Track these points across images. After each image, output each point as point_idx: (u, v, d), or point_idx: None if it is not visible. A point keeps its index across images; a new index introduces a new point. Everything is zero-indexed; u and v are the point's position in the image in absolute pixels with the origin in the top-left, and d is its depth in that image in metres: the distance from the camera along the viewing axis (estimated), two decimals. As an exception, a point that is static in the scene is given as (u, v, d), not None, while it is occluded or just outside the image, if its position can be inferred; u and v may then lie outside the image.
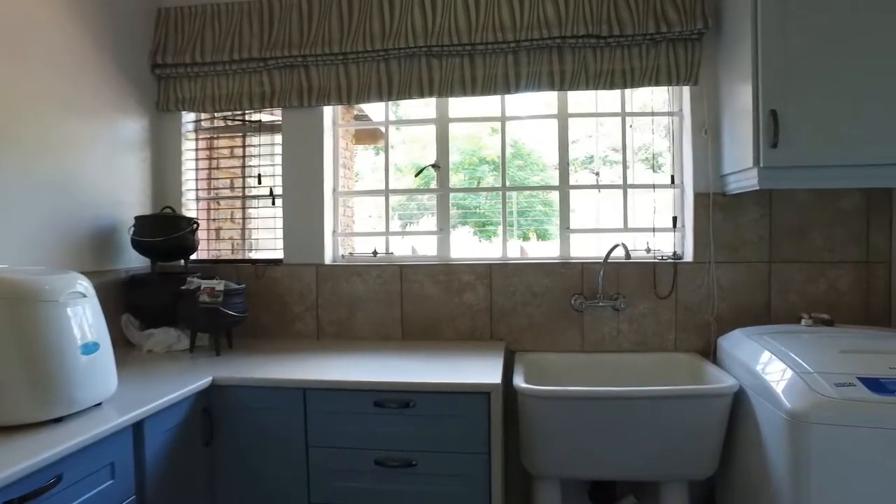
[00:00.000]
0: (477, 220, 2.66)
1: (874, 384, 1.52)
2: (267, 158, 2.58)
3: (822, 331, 1.96)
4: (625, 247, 2.14)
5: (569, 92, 2.37)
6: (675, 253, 2.38)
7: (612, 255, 2.21)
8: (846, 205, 2.20)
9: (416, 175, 2.49)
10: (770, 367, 1.71)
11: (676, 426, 1.81)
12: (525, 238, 2.73)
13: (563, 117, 2.42)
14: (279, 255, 2.49)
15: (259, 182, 2.56)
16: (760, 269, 2.24)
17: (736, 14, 2.04)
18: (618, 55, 2.22)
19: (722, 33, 2.16)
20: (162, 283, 2.27)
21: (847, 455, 1.47)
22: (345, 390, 1.79)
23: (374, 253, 2.50)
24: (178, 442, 1.65)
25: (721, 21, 2.16)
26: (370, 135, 3.80)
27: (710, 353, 2.24)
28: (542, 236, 2.92)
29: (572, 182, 2.44)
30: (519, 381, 1.89)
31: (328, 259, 2.48)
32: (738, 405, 1.82)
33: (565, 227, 2.42)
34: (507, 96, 2.41)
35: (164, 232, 2.21)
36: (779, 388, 1.60)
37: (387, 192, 2.52)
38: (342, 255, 2.54)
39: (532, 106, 2.52)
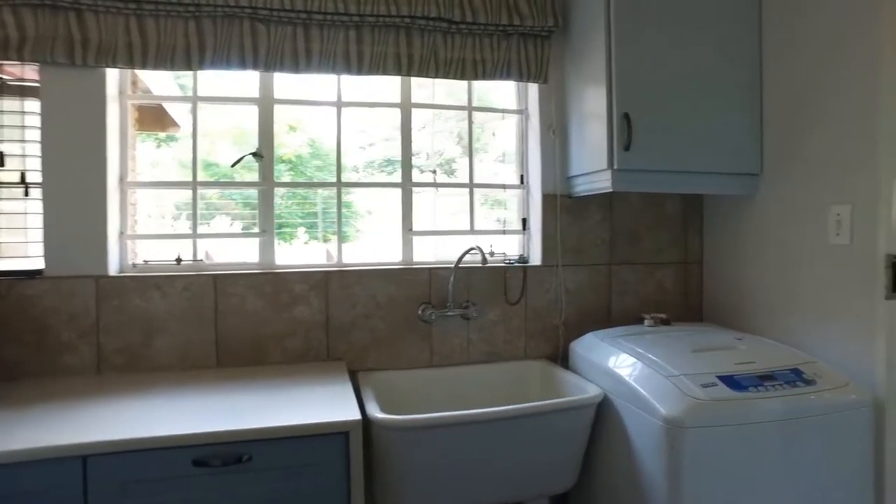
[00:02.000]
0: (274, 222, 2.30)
1: (731, 382, 1.56)
2: (14, 131, 1.89)
3: (663, 330, 2.02)
4: (481, 250, 1.98)
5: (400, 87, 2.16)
6: (521, 256, 2.30)
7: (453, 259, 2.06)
8: (669, 209, 2.34)
9: (233, 165, 2.04)
10: (636, 371, 1.67)
11: (543, 441, 1.69)
12: (324, 240, 2.44)
13: (406, 107, 2.18)
14: (37, 263, 1.83)
15: (2, 164, 1.86)
16: (602, 271, 2.27)
17: (586, 16, 2.01)
18: (469, 43, 2.06)
19: (570, 33, 2.13)
20: None
21: (717, 454, 1.49)
22: (149, 450, 1.31)
23: (178, 260, 1.98)
24: None
25: (569, 21, 2.13)
26: (157, 119, 3.12)
27: (559, 358, 2.19)
28: (343, 238, 2.68)
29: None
30: (374, 411, 1.60)
31: (113, 269, 1.89)
32: (601, 412, 1.77)
33: (408, 228, 2.19)
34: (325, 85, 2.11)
35: None
36: (651, 394, 1.56)
37: (195, 184, 2.01)
38: (133, 264, 1.97)
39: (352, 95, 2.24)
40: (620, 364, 1.75)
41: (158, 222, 2.19)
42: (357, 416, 1.46)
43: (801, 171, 1.87)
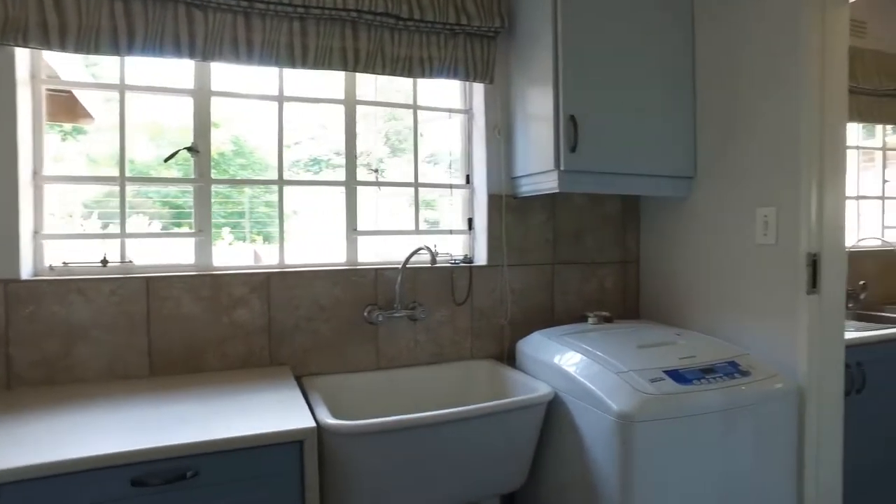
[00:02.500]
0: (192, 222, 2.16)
1: (677, 376, 1.63)
2: None
3: (606, 327, 2.08)
4: (430, 250, 1.96)
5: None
6: (465, 256, 2.30)
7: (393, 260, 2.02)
8: (609, 210, 2.42)
9: (167, 160, 1.90)
10: (586, 369, 1.71)
11: (496, 441, 1.69)
12: (250, 241, 2.33)
13: (350, 104, 2.12)
14: (-67, 267, 1.63)
15: None
16: (546, 270, 2.31)
17: (532, 18, 2.04)
18: (416, 41, 2.03)
19: (515, 35, 2.15)
20: None
21: (666, 446, 1.54)
22: (78, 473, 1.18)
23: (104, 262, 1.82)
24: None
25: (515, 22, 2.15)
26: (68, 109, 2.87)
27: (504, 357, 2.21)
28: (266, 239, 2.59)
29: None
30: (325, 417, 1.54)
31: (26, 272, 1.71)
32: (551, 410, 1.79)
33: (352, 228, 2.14)
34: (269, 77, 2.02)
35: None
36: (602, 391, 1.59)
37: (122, 180, 1.86)
38: (50, 267, 1.79)
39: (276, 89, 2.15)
40: (570, 362, 1.78)
41: (64, 222, 2.00)
42: (311, 423, 1.40)
43: (731, 175, 1.99)
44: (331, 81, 2.12)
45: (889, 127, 3.16)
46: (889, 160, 3.22)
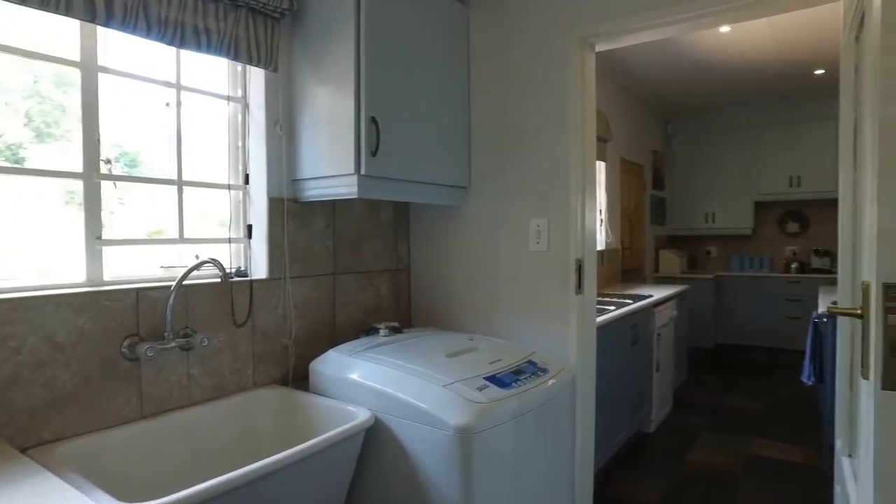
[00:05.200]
0: None
1: (497, 381, 1.70)
2: None
3: (401, 338, 2.04)
4: (219, 264, 1.62)
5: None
6: (238, 269, 1.97)
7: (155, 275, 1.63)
8: (384, 217, 2.39)
9: None
10: (408, 385, 1.63)
11: (316, 477, 1.49)
12: None
13: (90, 69, 1.59)
14: None
15: None
16: (327, 281, 2.14)
17: (326, 8, 1.87)
18: (191, 6, 1.64)
19: (305, 21, 1.93)
20: None
21: (497, 451, 1.60)
22: None
23: None
24: None
25: (304, 8, 1.92)
26: None
27: (289, 380, 1.98)
28: None
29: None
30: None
31: None
32: (368, 433, 1.66)
33: (95, 236, 1.61)
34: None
35: None
36: (434, 406, 1.55)
37: None
38: None
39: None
40: (386, 379, 1.68)
41: None
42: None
43: (504, 187, 2.18)
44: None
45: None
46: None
